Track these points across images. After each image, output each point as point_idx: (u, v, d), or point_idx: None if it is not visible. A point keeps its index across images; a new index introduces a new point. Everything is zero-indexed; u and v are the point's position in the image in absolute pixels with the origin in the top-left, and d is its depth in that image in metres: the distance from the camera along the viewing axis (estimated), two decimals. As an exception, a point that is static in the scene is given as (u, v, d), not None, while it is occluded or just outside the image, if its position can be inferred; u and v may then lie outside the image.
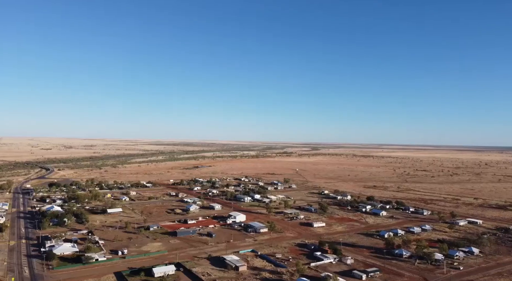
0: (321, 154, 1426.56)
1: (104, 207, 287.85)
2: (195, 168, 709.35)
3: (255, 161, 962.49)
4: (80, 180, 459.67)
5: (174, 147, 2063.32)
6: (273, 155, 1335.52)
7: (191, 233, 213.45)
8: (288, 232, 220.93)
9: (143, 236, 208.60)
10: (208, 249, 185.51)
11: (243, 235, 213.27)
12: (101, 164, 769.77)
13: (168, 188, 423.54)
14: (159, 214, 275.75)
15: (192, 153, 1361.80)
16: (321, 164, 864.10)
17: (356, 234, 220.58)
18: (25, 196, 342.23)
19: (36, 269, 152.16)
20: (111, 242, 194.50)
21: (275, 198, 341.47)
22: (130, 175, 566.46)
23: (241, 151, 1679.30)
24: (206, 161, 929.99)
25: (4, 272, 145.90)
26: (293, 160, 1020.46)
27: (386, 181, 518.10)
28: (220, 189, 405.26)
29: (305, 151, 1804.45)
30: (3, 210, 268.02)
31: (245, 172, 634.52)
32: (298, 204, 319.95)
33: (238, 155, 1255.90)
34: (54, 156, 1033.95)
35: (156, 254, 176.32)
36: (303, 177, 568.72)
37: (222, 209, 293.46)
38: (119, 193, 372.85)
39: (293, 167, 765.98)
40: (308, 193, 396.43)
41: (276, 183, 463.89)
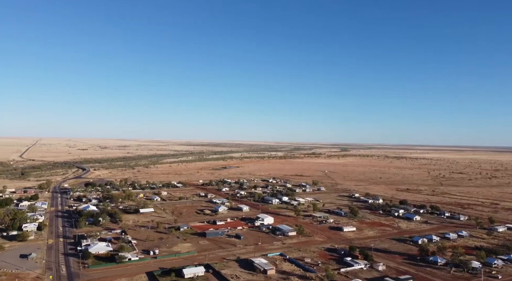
0: (351, 155, 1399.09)
1: (136, 206, 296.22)
2: (223, 169, 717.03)
3: (283, 162, 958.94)
4: (114, 180, 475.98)
5: (203, 147, 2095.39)
6: (301, 156, 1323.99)
7: (220, 234, 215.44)
8: (317, 236, 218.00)
9: (174, 236, 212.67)
10: (236, 251, 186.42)
11: (271, 238, 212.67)
12: (134, 164, 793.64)
13: (197, 188, 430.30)
14: (189, 214, 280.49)
15: (220, 154, 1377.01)
16: (351, 166, 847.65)
17: (388, 239, 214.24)
18: (63, 195, 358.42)
19: (72, 268, 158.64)
20: (143, 242, 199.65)
21: (304, 201, 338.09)
22: (161, 175, 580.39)
23: (268, 151, 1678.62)
24: (234, 162, 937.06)
25: (43, 270, 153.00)
26: (321, 161, 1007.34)
27: (420, 184, 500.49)
28: (247, 190, 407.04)
29: (335, 151, 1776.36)
30: (42, 209, 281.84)
31: (272, 173, 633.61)
32: (327, 207, 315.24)
33: (265, 156, 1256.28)
34: (90, 156, 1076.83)
35: (186, 255, 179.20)
36: (332, 179, 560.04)
37: (250, 210, 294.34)
38: (151, 193, 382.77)
39: (321, 168, 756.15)
40: (337, 195, 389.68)
41: (305, 185, 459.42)
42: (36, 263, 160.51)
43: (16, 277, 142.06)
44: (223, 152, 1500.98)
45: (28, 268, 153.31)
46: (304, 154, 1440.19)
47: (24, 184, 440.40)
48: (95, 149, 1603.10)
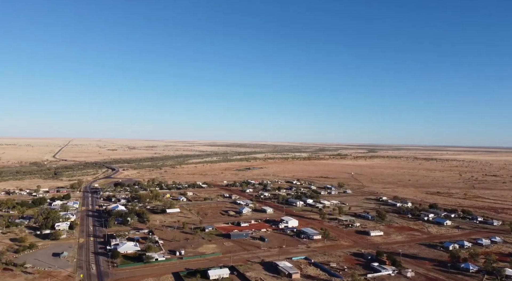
0: (379, 156, 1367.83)
1: (163, 207, 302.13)
2: (247, 170, 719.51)
3: (307, 163, 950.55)
4: (142, 180, 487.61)
5: (227, 148, 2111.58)
6: (326, 157, 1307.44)
7: (244, 236, 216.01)
8: (343, 240, 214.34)
9: (199, 237, 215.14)
10: (260, 253, 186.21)
11: (295, 241, 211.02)
12: (161, 165, 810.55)
13: (222, 189, 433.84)
14: (214, 215, 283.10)
15: (244, 154, 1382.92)
16: (378, 167, 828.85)
17: (417, 244, 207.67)
18: (93, 195, 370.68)
19: (102, 267, 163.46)
20: (170, 242, 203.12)
21: (329, 203, 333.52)
22: (187, 175, 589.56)
23: (292, 152, 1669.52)
24: (258, 163, 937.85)
25: (74, 269, 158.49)
26: (348, 163, 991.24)
27: (451, 187, 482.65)
28: (271, 192, 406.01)
29: (361, 153, 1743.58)
30: (74, 209, 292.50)
31: (296, 174, 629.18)
32: (354, 210, 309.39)
33: (289, 157, 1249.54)
34: (119, 156, 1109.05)
35: (211, 256, 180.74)
36: (358, 181, 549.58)
37: (274, 212, 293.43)
38: (177, 193, 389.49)
39: (348, 170, 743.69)
40: (364, 198, 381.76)
41: (330, 187, 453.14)
42: (68, 262, 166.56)
43: (49, 275, 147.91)
44: (247, 153, 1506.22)
45: (60, 267, 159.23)
46: (330, 155, 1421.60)
47: (57, 183, 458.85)
48: (124, 149, 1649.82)
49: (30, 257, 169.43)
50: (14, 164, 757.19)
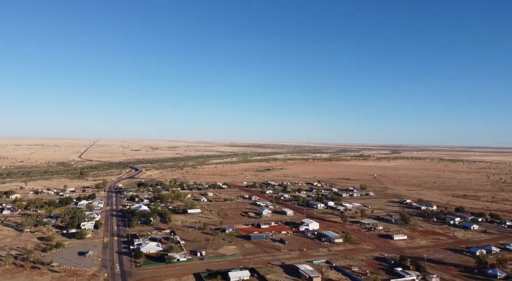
0: (403, 158, 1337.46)
1: (185, 207, 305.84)
2: (266, 170, 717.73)
3: (328, 165, 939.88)
4: (164, 180, 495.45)
5: (247, 148, 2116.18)
6: (348, 158, 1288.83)
7: (264, 238, 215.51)
8: (365, 244, 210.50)
9: (220, 238, 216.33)
10: (281, 256, 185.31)
11: (316, 244, 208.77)
12: (183, 165, 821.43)
13: (241, 190, 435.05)
14: (234, 216, 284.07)
15: (264, 155, 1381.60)
16: (402, 169, 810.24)
17: (442, 249, 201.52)
18: (117, 195, 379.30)
19: (125, 266, 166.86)
20: (191, 243, 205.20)
21: (351, 206, 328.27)
22: (207, 175, 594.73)
23: (313, 153, 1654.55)
24: (278, 163, 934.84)
25: (99, 268, 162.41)
26: (370, 164, 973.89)
27: (478, 190, 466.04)
28: (291, 194, 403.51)
29: (384, 154, 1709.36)
30: (99, 208, 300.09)
31: (317, 176, 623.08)
32: (376, 213, 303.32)
33: (310, 158, 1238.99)
34: (142, 156, 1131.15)
35: (231, 257, 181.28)
36: (381, 183, 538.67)
37: (294, 215, 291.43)
38: (198, 193, 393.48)
39: (370, 171, 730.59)
40: (387, 201, 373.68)
41: (352, 189, 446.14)
42: (93, 261, 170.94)
43: (75, 274, 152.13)
44: (267, 153, 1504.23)
45: (86, 266, 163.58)
46: (351, 156, 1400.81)
47: (82, 183, 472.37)
48: (147, 149, 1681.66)
49: (56, 256, 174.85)
50: (42, 164, 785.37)
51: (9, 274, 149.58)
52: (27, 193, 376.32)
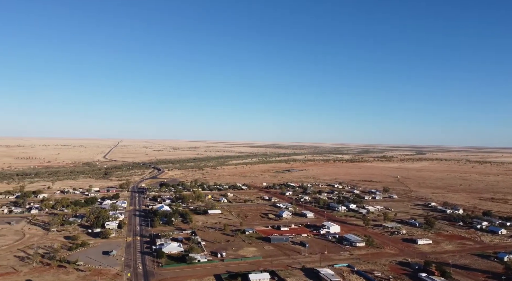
0: (427, 159, 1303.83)
1: (205, 207, 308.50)
2: (286, 172, 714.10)
3: (350, 166, 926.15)
4: (186, 181, 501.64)
5: (266, 149, 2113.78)
6: (370, 159, 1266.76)
7: (284, 240, 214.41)
8: (388, 248, 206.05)
9: (240, 239, 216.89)
10: (301, 259, 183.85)
11: (337, 248, 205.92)
12: (203, 165, 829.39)
13: (261, 191, 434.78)
14: (254, 217, 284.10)
15: (283, 156, 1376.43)
16: (427, 171, 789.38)
17: (469, 254, 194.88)
18: (140, 195, 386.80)
19: (148, 266, 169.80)
20: (211, 244, 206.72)
21: (373, 209, 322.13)
22: (227, 176, 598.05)
23: (334, 154, 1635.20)
24: (298, 164, 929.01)
25: (122, 267, 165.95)
26: (393, 166, 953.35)
27: (507, 193, 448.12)
28: (312, 195, 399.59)
29: (408, 155, 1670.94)
30: (122, 208, 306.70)
31: (338, 177, 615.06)
32: (400, 216, 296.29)
33: (330, 159, 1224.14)
34: (164, 157, 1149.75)
35: (251, 259, 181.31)
36: (405, 185, 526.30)
37: (315, 217, 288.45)
38: (218, 194, 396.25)
39: (393, 173, 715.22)
40: (411, 204, 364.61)
41: (374, 191, 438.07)
42: (116, 260, 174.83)
43: (99, 273, 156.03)
44: (286, 154, 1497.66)
45: (109, 265, 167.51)
46: (374, 157, 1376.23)
47: (107, 183, 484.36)
48: (169, 150, 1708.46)
49: (82, 255, 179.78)
50: (69, 164, 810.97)
51: (37, 273, 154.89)
52: (54, 192, 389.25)
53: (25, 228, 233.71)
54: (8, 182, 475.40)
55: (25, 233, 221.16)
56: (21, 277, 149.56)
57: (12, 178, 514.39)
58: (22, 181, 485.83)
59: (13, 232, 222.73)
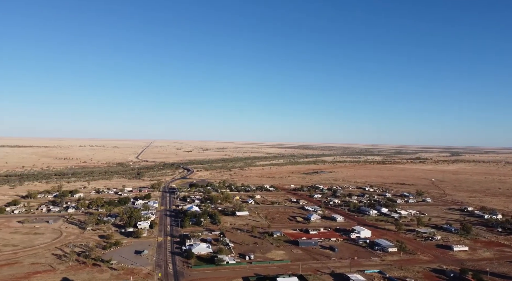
0: (464, 161, 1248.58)
1: (233, 209, 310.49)
2: (314, 173, 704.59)
3: (381, 168, 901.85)
4: (214, 181, 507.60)
5: (294, 150, 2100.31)
6: (403, 161, 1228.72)
7: (313, 244, 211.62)
8: (421, 254, 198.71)
9: (268, 242, 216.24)
10: (330, 264, 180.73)
11: (368, 253, 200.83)
12: (231, 166, 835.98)
13: (289, 193, 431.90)
14: (281, 220, 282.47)
15: (311, 157, 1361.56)
16: (463, 173, 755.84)
17: (507, 262, 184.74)
18: (171, 195, 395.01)
19: (178, 266, 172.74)
20: (239, 245, 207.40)
21: (406, 213, 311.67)
22: (255, 177, 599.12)
23: (364, 155, 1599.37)
24: (326, 166, 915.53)
25: (153, 267, 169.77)
26: (427, 168, 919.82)
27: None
28: (341, 199, 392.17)
29: (443, 156, 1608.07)
30: (154, 208, 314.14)
31: (369, 180, 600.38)
32: (434, 221, 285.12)
33: (361, 160, 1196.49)
34: (194, 157, 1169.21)
35: (279, 263, 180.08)
36: (440, 188, 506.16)
37: (345, 221, 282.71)
38: (246, 195, 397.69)
39: (428, 176, 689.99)
40: (446, 208, 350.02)
41: (407, 195, 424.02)
42: (148, 260, 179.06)
43: (131, 273, 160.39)
44: (314, 155, 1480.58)
45: (141, 264, 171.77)
46: (407, 159, 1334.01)
47: (139, 183, 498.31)
48: (198, 150, 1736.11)
49: (115, 254, 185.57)
50: (103, 164, 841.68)
51: (73, 271, 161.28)
52: (90, 192, 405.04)
53: (62, 226, 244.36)
54: (47, 181, 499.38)
55: (62, 231, 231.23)
56: (58, 274, 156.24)
57: (50, 178, 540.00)
58: (60, 180, 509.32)
59: (51, 230, 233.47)
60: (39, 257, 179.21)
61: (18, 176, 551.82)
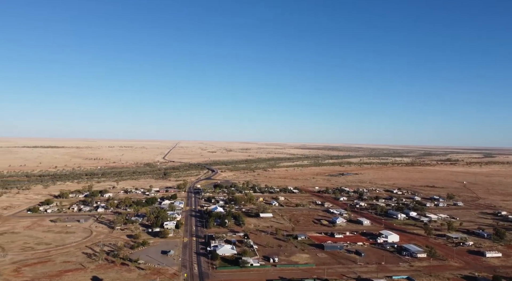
0: (497, 162, 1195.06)
1: (257, 210, 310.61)
2: (340, 175, 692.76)
3: (410, 170, 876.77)
4: (238, 182, 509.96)
5: (318, 151, 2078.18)
6: (433, 162, 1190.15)
7: (339, 248, 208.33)
8: (452, 260, 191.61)
9: (292, 245, 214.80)
10: (356, 268, 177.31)
11: (396, 258, 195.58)
12: (254, 167, 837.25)
13: (313, 195, 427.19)
14: (306, 223, 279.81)
15: (336, 158, 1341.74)
16: (497, 176, 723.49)
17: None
18: (196, 196, 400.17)
19: (203, 267, 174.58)
20: (263, 248, 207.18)
21: (436, 217, 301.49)
22: (278, 179, 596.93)
23: (392, 157, 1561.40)
24: (352, 168, 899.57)
25: (179, 267, 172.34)
26: (459, 170, 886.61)
27: None
28: (368, 202, 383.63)
29: (476, 158, 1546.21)
30: (180, 208, 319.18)
31: (397, 182, 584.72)
32: (466, 226, 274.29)
33: (388, 162, 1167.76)
34: (218, 158, 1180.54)
35: (304, 266, 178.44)
36: (472, 191, 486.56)
37: (371, 225, 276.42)
38: (269, 197, 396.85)
39: (459, 178, 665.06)
40: (479, 213, 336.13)
41: (437, 198, 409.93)
42: (174, 260, 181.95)
43: (158, 273, 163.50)
44: (340, 157, 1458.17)
45: (168, 265, 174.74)
46: (437, 160, 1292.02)
47: (165, 183, 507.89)
48: (222, 151, 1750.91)
49: (142, 254, 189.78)
50: (131, 165, 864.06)
51: (102, 270, 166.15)
52: (119, 192, 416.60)
53: (93, 226, 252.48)
54: (78, 181, 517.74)
55: (93, 230, 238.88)
56: (88, 273, 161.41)
57: (81, 178, 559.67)
58: (90, 180, 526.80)
59: (81, 229, 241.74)
60: (71, 255, 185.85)
61: (51, 176, 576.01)
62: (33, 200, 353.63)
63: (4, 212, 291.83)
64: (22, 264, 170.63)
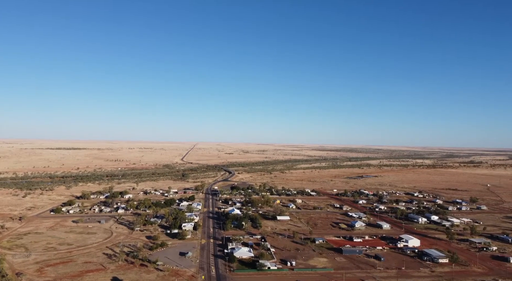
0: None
1: (274, 213, 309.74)
2: (359, 178, 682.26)
3: (431, 172, 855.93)
4: (255, 184, 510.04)
5: (336, 152, 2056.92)
6: (455, 164, 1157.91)
7: (357, 252, 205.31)
8: (475, 266, 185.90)
9: (309, 248, 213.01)
10: (376, 273, 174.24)
11: (416, 263, 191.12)
12: (271, 169, 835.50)
13: (331, 198, 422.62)
14: (324, 226, 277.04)
15: (355, 160, 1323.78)
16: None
17: None
18: (213, 197, 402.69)
19: (220, 269, 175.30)
20: (281, 251, 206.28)
21: (458, 221, 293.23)
22: (295, 181, 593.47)
23: (413, 159, 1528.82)
24: (371, 170, 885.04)
25: (197, 269, 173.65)
26: (482, 172, 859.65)
27: None
28: (388, 205, 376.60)
29: (500, 160, 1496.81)
30: (197, 210, 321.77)
31: (418, 185, 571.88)
32: (489, 231, 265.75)
33: (409, 164, 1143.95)
34: (235, 160, 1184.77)
35: (322, 271, 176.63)
36: (496, 195, 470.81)
37: (391, 229, 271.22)
38: (287, 199, 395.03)
39: (483, 181, 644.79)
40: (503, 217, 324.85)
41: (460, 201, 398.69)
42: (192, 262, 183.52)
43: (176, 274, 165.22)
44: (359, 159, 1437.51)
45: (186, 266, 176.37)
46: (459, 163, 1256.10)
47: (184, 185, 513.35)
48: (239, 153, 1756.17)
49: (161, 255, 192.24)
50: (151, 166, 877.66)
51: (122, 270, 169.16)
52: (138, 193, 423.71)
53: (113, 226, 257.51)
54: (99, 182, 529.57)
55: (113, 231, 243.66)
56: (108, 273, 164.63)
57: (102, 179, 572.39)
58: (111, 181, 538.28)
59: (102, 230, 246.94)
60: (91, 256, 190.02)
61: (73, 177, 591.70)
62: (56, 200, 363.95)
63: (28, 213, 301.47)
64: (45, 264, 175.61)
